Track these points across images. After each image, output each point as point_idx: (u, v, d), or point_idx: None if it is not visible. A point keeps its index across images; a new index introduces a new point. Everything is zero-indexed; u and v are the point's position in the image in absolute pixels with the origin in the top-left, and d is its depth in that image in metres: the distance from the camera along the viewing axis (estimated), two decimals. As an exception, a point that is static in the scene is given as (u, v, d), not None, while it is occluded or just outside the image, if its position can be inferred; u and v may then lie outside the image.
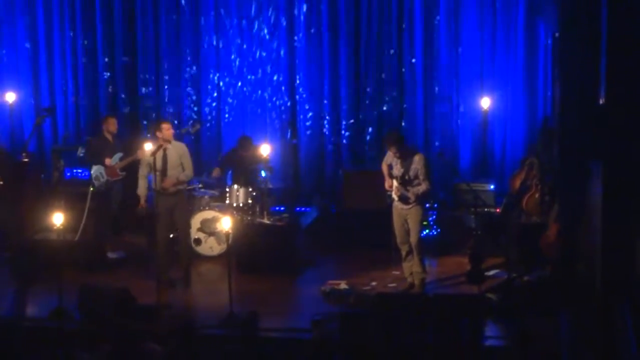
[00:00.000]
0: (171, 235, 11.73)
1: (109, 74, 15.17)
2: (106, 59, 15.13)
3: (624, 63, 7.43)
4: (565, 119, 8.75)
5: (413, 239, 10.78)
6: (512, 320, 9.54)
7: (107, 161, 12.92)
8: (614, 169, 7.66)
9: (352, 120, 14.67)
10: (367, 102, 14.57)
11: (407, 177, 10.63)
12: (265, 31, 14.75)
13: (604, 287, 7.80)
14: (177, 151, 11.45)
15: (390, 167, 10.82)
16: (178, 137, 12.04)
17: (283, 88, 14.84)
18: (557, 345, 8.68)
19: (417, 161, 10.63)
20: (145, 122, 15.01)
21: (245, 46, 14.83)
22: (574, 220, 9.13)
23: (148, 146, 11.51)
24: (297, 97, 14.83)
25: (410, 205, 10.71)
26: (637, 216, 7.39)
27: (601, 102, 7.82)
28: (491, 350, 9.09)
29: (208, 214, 12.59)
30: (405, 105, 14.47)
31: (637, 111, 7.35)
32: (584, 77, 8.20)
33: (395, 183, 10.69)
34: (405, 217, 10.80)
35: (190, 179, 11.71)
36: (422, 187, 10.61)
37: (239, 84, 14.94)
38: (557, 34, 10.47)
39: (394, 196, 10.79)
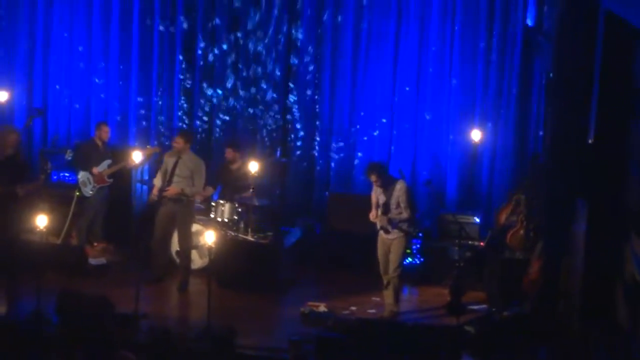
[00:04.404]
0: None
1: (103, 79, 15.15)
2: (101, 64, 15.12)
3: (614, 105, 7.48)
4: (554, 157, 8.79)
5: (391, 270, 10.84)
6: (488, 354, 9.53)
7: (95, 170, 12.90)
8: (599, 209, 7.69)
9: (341, 144, 14.67)
10: (358, 126, 14.58)
11: (388, 206, 10.72)
12: (261, 48, 14.79)
13: (582, 327, 7.81)
14: (191, 164, 11.75)
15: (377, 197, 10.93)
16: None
17: (276, 107, 14.86)
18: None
19: (399, 189, 10.75)
20: (134, 130, 15.00)
21: (240, 62, 14.85)
22: (557, 258, 9.15)
23: (137, 155, 11.55)
24: (289, 116, 14.85)
25: (394, 236, 10.80)
26: (619, 258, 7.41)
27: (590, 141, 7.87)
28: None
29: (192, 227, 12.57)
30: (395, 132, 14.47)
31: (624, 152, 7.39)
32: (574, 116, 8.25)
33: (379, 212, 10.78)
34: (389, 247, 10.87)
35: (196, 194, 11.90)
36: (404, 215, 10.71)
37: (232, 99, 14.96)
38: (551, 74, 10.53)
39: (378, 226, 10.88)
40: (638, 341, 5.96)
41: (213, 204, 12.88)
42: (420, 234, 13.04)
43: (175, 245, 12.29)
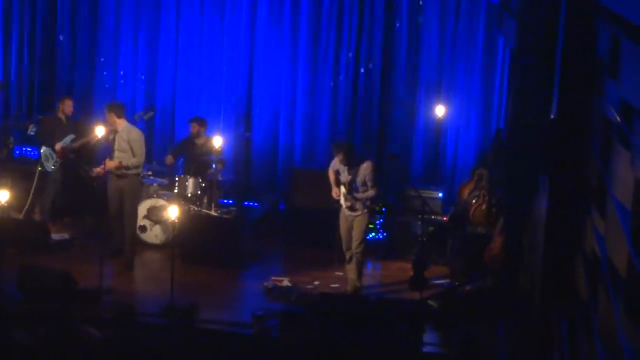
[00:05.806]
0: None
1: (66, 53, 15.01)
2: (63, 38, 14.98)
3: (577, 81, 7.52)
4: (517, 132, 8.82)
5: (354, 246, 10.88)
6: (451, 328, 9.61)
7: (57, 146, 12.80)
8: (560, 184, 7.73)
9: (306, 119, 14.65)
10: (323, 102, 14.57)
11: (355, 185, 10.74)
12: (226, 23, 14.72)
13: (544, 300, 7.88)
14: (127, 136, 11.50)
15: (337, 173, 10.92)
16: (132, 123, 11.97)
17: (240, 82, 14.79)
18: (495, 356, 8.76)
19: (366, 168, 10.76)
20: (98, 105, 14.88)
21: (204, 36, 14.77)
22: (518, 233, 9.21)
23: (100, 130, 11.48)
24: (254, 91, 14.80)
25: (358, 213, 10.83)
26: (580, 233, 7.47)
27: (552, 117, 7.91)
28: (429, 357, 9.16)
29: (155, 202, 12.53)
30: (360, 108, 14.49)
31: (587, 128, 7.44)
32: (537, 91, 8.27)
33: (343, 190, 10.79)
34: (352, 224, 10.90)
35: (137, 165, 11.60)
36: (370, 193, 10.74)
37: (196, 73, 14.87)
38: (514, 48, 10.56)
39: (342, 204, 10.89)
40: (598, 314, 6.03)
41: (177, 179, 12.84)
42: (384, 209, 13.08)
43: (139, 221, 12.25)
